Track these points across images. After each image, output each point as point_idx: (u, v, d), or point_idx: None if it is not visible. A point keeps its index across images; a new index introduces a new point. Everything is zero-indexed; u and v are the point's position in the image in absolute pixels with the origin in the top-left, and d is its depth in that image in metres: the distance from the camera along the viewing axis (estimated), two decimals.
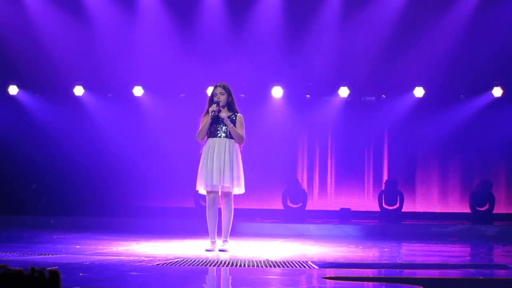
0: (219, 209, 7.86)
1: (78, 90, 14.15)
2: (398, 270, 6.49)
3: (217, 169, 7.65)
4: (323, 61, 13.64)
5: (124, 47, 13.89)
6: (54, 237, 9.72)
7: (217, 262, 6.70)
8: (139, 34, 13.89)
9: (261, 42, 13.69)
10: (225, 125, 7.75)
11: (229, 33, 13.70)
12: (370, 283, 5.73)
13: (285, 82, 14.02)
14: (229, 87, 7.87)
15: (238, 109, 7.90)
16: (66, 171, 14.09)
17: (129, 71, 14.00)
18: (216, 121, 7.78)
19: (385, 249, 8.85)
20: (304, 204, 13.70)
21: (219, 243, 7.84)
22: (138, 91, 14.16)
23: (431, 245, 9.58)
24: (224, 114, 7.81)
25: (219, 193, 7.78)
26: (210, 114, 7.73)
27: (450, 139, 14.08)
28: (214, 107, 7.74)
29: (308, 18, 13.69)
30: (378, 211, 13.66)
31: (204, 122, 7.79)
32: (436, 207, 14.06)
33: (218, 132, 7.76)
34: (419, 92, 13.84)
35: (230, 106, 7.86)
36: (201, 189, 7.82)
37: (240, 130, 7.81)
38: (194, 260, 6.74)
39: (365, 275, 6.07)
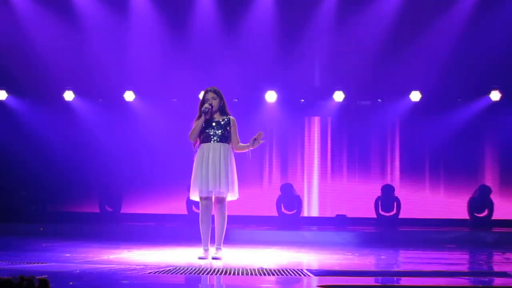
0: (213, 216, 7.75)
1: (68, 95, 14.17)
2: (395, 278, 6.46)
3: (212, 174, 7.56)
4: (318, 65, 13.63)
5: (115, 52, 13.89)
6: (43, 245, 9.65)
7: (210, 270, 6.62)
8: (131, 38, 13.94)
9: (254, 46, 13.68)
10: (219, 129, 7.65)
11: (222, 37, 13.69)
12: None
13: (279, 87, 13.99)
14: (220, 91, 7.84)
15: (229, 112, 7.83)
16: (56, 178, 14.06)
17: (120, 76, 14.02)
18: (210, 125, 7.70)
19: (382, 257, 8.79)
20: (299, 211, 13.60)
21: (212, 250, 7.77)
22: (129, 96, 14.18)
23: (428, 252, 9.55)
24: (216, 117, 7.71)
25: (213, 199, 7.67)
26: (205, 109, 7.62)
27: (448, 143, 14.10)
28: (206, 105, 7.65)
29: (302, 22, 13.69)
30: (375, 218, 13.58)
31: (196, 124, 7.69)
32: (434, 213, 14.00)
33: (212, 137, 7.67)
34: (415, 96, 13.84)
35: (222, 110, 7.82)
36: (195, 196, 7.72)
37: (234, 133, 7.75)
38: (187, 268, 6.66)
39: (361, 283, 6.00)
